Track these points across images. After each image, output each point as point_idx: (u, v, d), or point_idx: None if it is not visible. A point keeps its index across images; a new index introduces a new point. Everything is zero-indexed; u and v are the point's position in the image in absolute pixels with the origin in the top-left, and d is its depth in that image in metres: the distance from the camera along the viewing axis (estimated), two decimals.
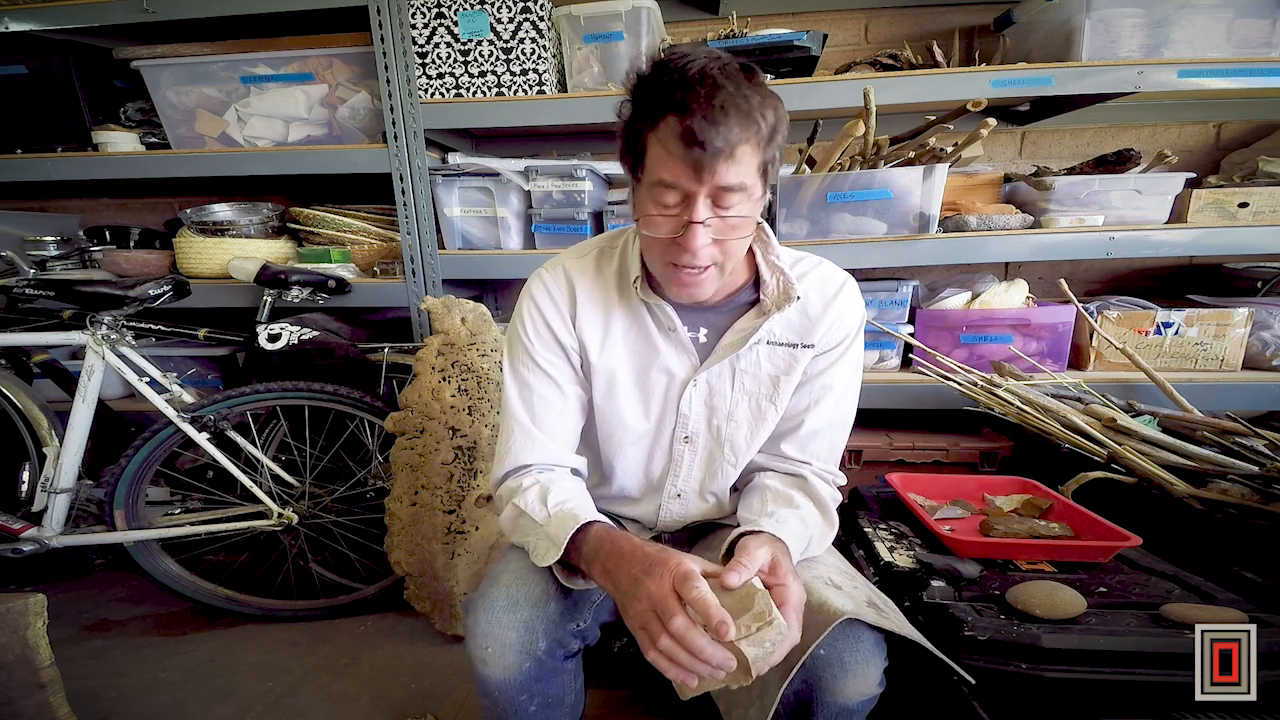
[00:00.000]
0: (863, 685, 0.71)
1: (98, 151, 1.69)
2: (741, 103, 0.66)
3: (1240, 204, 1.47)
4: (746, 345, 0.83)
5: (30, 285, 1.43)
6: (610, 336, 0.86)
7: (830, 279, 0.86)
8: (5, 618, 0.98)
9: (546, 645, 0.77)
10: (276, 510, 1.48)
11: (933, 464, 1.57)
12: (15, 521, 1.45)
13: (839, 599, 0.72)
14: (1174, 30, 1.42)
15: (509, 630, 0.75)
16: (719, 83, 0.66)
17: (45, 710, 1.01)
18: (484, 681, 0.77)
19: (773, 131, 0.70)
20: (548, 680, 0.79)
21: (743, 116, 0.67)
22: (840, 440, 0.89)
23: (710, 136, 0.65)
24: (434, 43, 1.51)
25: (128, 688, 1.37)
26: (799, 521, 0.79)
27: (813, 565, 0.81)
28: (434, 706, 1.28)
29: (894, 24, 1.80)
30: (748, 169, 0.70)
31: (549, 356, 0.86)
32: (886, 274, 1.77)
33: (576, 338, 0.86)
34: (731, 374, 0.86)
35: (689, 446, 0.90)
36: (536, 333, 0.86)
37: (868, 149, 1.46)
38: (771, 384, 0.86)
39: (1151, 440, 1.18)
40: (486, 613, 0.75)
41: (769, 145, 0.70)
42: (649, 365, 0.86)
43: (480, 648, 0.75)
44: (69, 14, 1.57)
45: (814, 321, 0.85)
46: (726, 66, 0.68)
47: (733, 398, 0.86)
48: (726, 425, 0.88)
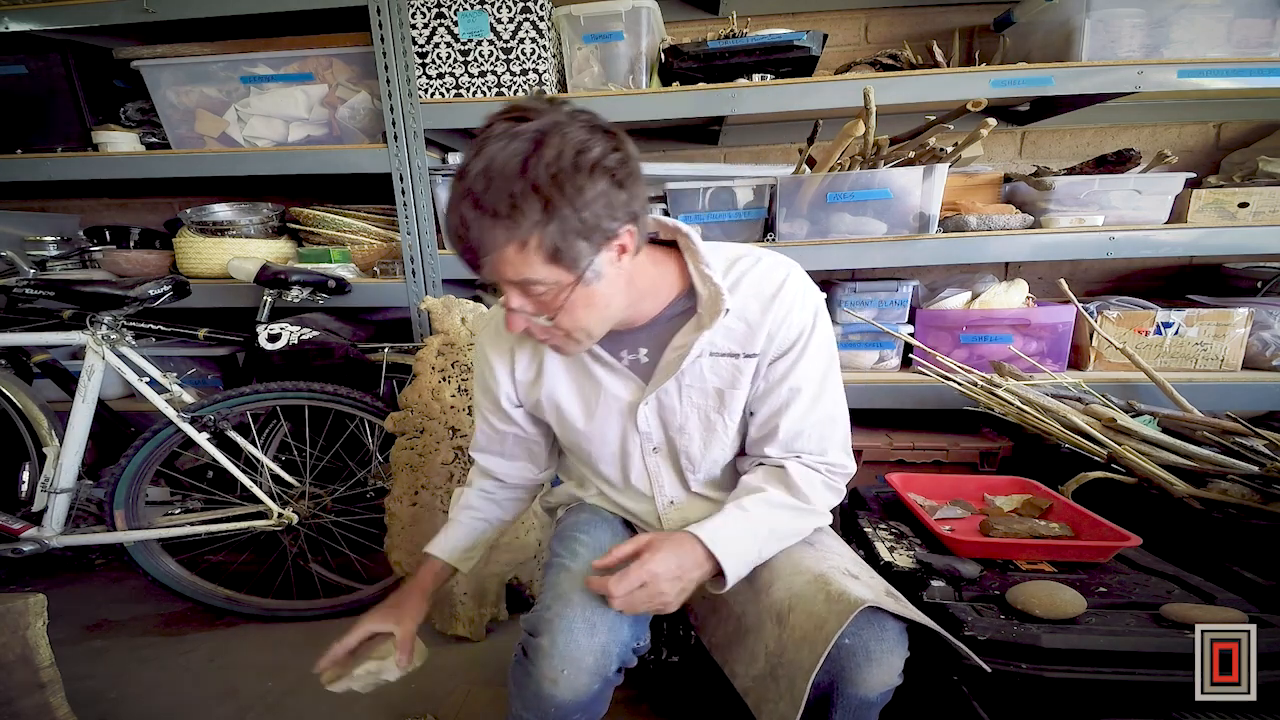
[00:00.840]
0: (886, 675, 0.71)
1: (98, 151, 1.68)
2: (488, 208, 0.64)
3: (1240, 204, 1.47)
4: (688, 360, 0.81)
5: (30, 285, 1.43)
6: (546, 374, 0.89)
7: (768, 278, 0.81)
8: (5, 618, 0.98)
9: (617, 667, 0.77)
10: (276, 510, 1.48)
11: (933, 464, 1.57)
12: (15, 521, 1.45)
13: (859, 588, 0.72)
14: (1174, 30, 1.42)
15: (587, 655, 0.74)
16: (468, 188, 0.64)
17: (45, 710, 1.01)
18: (544, 699, 0.75)
19: (546, 222, 0.65)
20: (600, 697, 0.79)
21: (488, 224, 0.65)
22: (833, 433, 0.86)
23: (458, 245, 0.68)
24: (434, 43, 1.51)
25: (128, 688, 1.37)
26: (738, 511, 0.79)
27: (828, 556, 0.81)
28: (434, 706, 1.28)
29: (894, 24, 1.80)
30: (525, 266, 0.67)
31: (493, 407, 0.95)
32: (886, 274, 1.77)
33: (516, 386, 0.92)
34: (678, 389, 0.85)
35: (660, 456, 0.91)
36: (480, 390, 0.96)
37: (868, 149, 1.46)
38: (717, 396, 0.85)
39: (1151, 440, 1.18)
40: (565, 635, 0.74)
41: (547, 231, 0.65)
42: (595, 395, 0.88)
43: (554, 669, 0.73)
44: (69, 14, 1.57)
45: (754, 328, 0.81)
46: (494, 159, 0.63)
47: (682, 411, 0.86)
48: (679, 438, 0.88)
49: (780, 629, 0.74)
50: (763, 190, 1.55)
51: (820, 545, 0.85)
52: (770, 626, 0.76)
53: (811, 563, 0.79)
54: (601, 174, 0.66)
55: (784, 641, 0.73)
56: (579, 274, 0.70)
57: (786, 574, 0.79)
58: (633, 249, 0.74)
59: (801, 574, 0.77)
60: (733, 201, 1.56)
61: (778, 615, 0.75)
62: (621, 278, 0.75)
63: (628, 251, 0.73)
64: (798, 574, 0.78)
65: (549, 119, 0.65)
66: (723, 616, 0.85)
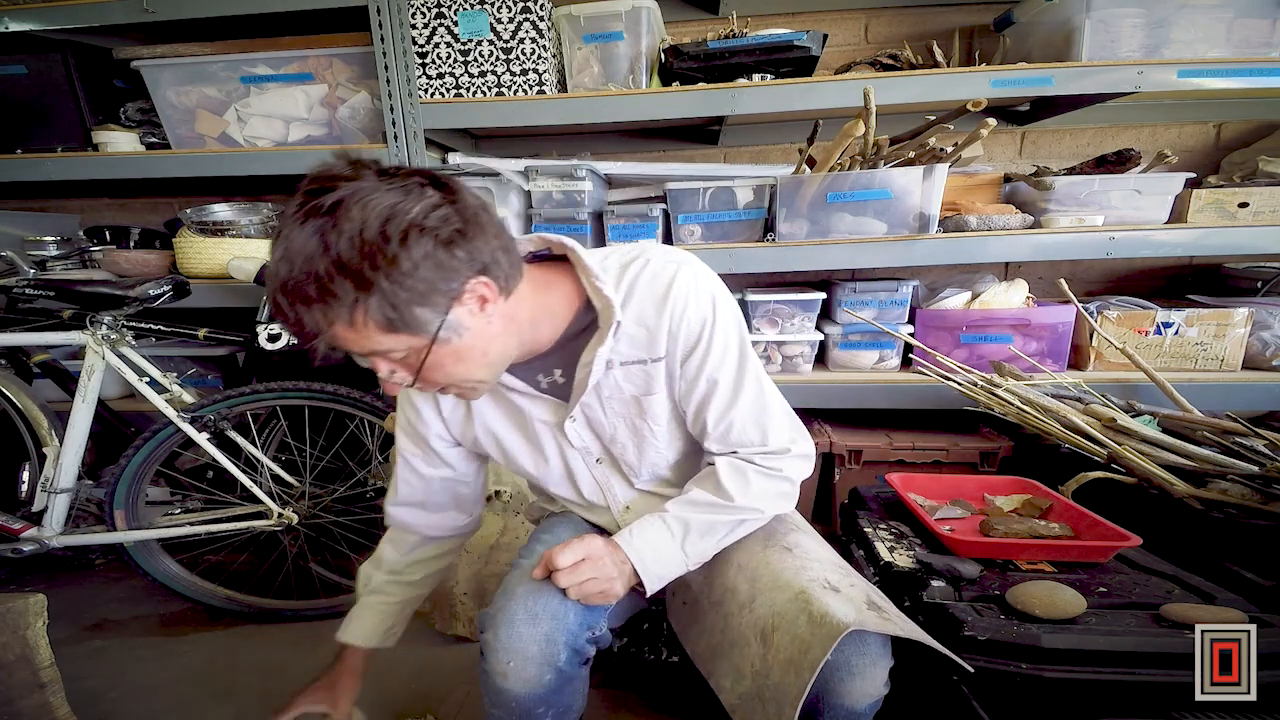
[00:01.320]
0: (869, 687, 0.71)
1: (98, 151, 1.68)
2: (296, 293, 0.61)
3: (1240, 204, 1.47)
4: (595, 376, 0.80)
5: (30, 285, 1.43)
6: (478, 410, 0.89)
7: (658, 277, 0.79)
8: (5, 618, 0.98)
9: (567, 655, 0.77)
10: (276, 510, 1.48)
11: (933, 464, 1.57)
12: (15, 521, 1.44)
13: (840, 606, 0.71)
14: (1174, 30, 1.42)
15: (530, 644, 0.74)
16: (274, 272, 0.61)
17: (45, 710, 1.01)
18: (501, 694, 0.76)
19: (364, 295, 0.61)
20: (563, 690, 0.79)
21: (302, 309, 0.62)
22: (766, 418, 0.84)
23: (293, 334, 0.66)
24: (434, 43, 1.51)
25: (128, 688, 1.37)
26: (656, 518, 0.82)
27: (808, 565, 0.80)
28: (434, 706, 1.28)
29: (894, 24, 1.80)
30: (364, 340, 0.65)
31: (420, 451, 0.94)
32: (886, 274, 1.77)
33: (445, 427, 0.91)
34: (599, 402, 0.85)
35: (605, 466, 0.91)
36: (405, 435, 0.94)
37: (868, 149, 1.46)
38: (636, 404, 0.84)
39: (1151, 440, 1.18)
40: (507, 628, 0.75)
41: (370, 306, 0.62)
42: (524, 422, 0.88)
43: (501, 662, 0.74)
44: (69, 14, 1.57)
45: (654, 331, 0.79)
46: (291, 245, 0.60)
47: (610, 422, 0.86)
48: (613, 447, 0.89)
49: (765, 648, 0.73)
50: (763, 190, 1.55)
51: (799, 551, 0.83)
52: (754, 645, 0.75)
53: (791, 575, 0.77)
54: (421, 237, 0.62)
55: (769, 663, 0.72)
56: (431, 336, 0.67)
57: (767, 589, 0.78)
58: (496, 297, 0.71)
59: (782, 589, 0.76)
60: (733, 201, 1.56)
61: (761, 634, 0.75)
62: (494, 323, 0.72)
63: (491, 301, 0.70)
64: (778, 589, 0.76)
65: (350, 188, 0.61)
66: (705, 626, 0.85)
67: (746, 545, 0.86)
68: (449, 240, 0.64)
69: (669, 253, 0.82)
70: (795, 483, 0.87)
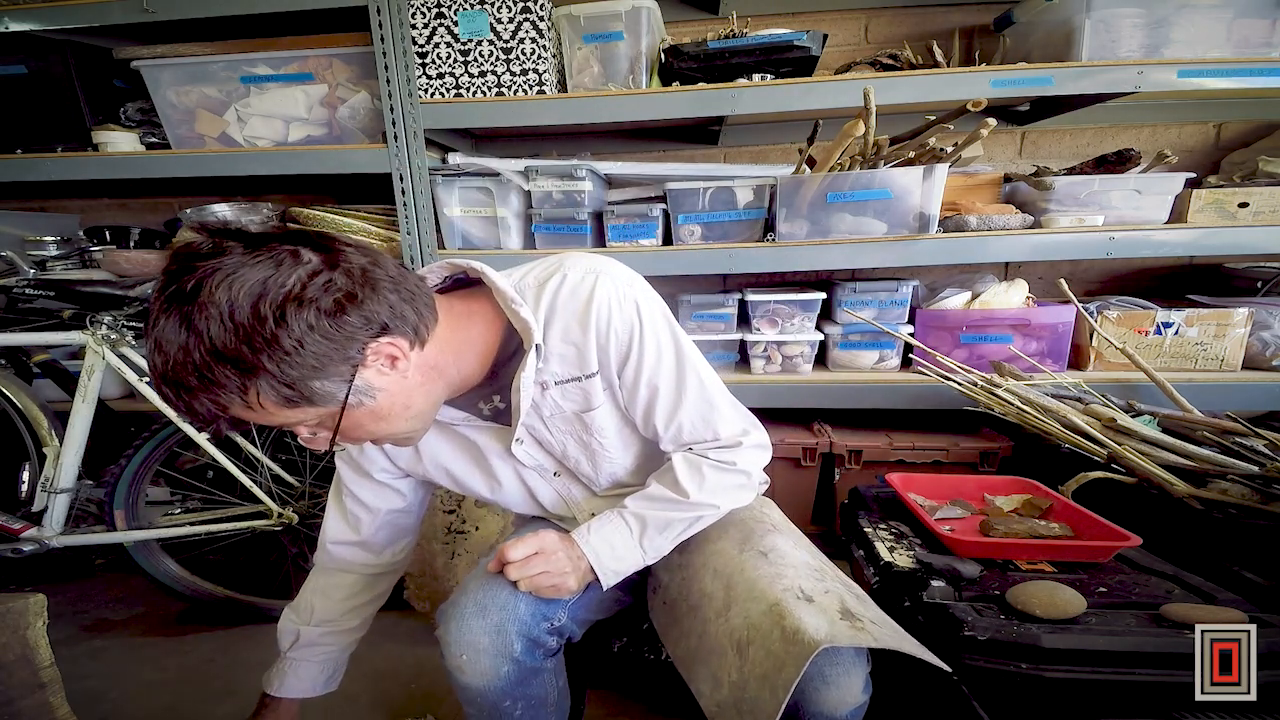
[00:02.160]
0: (846, 696, 0.70)
1: (98, 151, 1.68)
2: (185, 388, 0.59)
3: (1240, 204, 1.47)
4: (528, 398, 0.79)
5: (30, 285, 1.43)
6: (424, 445, 0.88)
7: (577, 292, 0.76)
8: (5, 618, 0.98)
9: (522, 646, 0.77)
10: (277, 510, 1.48)
11: (933, 464, 1.57)
12: (15, 521, 1.45)
13: (813, 619, 0.69)
14: (1174, 30, 1.42)
15: (480, 636, 0.75)
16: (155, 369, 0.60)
17: (45, 710, 1.01)
18: (465, 690, 0.77)
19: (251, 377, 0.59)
20: (528, 682, 0.79)
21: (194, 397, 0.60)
22: (711, 418, 0.83)
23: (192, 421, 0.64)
24: (434, 43, 1.51)
25: (128, 688, 1.37)
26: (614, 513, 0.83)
27: (783, 572, 0.78)
28: (434, 706, 1.28)
29: (894, 24, 1.80)
30: (267, 416, 0.63)
31: (362, 483, 0.92)
32: (886, 274, 1.77)
33: (390, 460, 0.91)
34: (542, 421, 0.84)
35: (562, 478, 0.91)
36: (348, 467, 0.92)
37: (868, 149, 1.46)
38: (579, 420, 0.84)
39: (1151, 440, 1.18)
40: (456, 621, 0.76)
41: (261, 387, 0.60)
42: (472, 451, 0.89)
43: (455, 657, 0.75)
44: (69, 14, 1.57)
45: (582, 348, 0.78)
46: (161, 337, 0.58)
47: (559, 440, 0.86)
48: (566, 461, 0.89)
49: (741, 660, 0.73)
50: (763, 190, 1.55)
51: (774, 556, 0.82)
52: (731, 655, 0.74)
53: (766, 585, 0.76)
54: (300, 311, 0.59)
55: (746, 675, 0.72)
56: (340, 404, 0.65)
57: (743, 598, 0.77)
58: (408, 351, 0.68)
59: (757, 600, 0.75)
60: (733, 201, 1.56)
61: (737, 645, 0.74)
62: (411, 376, 0.70)
63: (401, 358, 0.68)
64: (753, 600, 0.75)
65: (210, 266, 0.57)
66: (683, 630, 0.84)
67: (722, 549, 0.85)
68: (334, 309, 0.61)
69: (587, 262, 0.79)
70: (751, 475, 0.87)
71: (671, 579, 0.89)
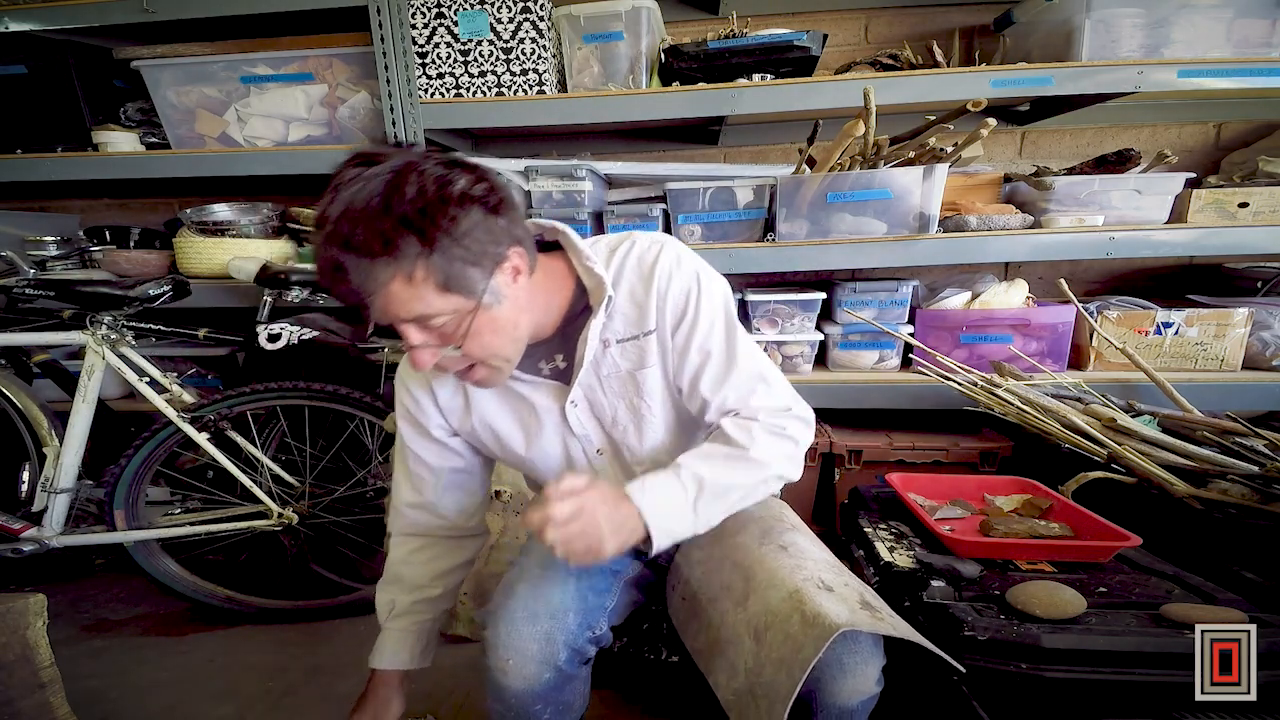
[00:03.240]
0: (861, 685, 0.71)
1: (98, 151, 1.69)
2: (362, 250, 0.63)
3: (1240, 204, 1.47)
4: (593, 351, 0.82)
5: (30, 285, 1.43)
6: (474, 401, 0.89)
7: (645, 255, 0.83)
8: (5, 618, 0.98)
9: (566, 655, 0.78)
10: (276, 510, 1.48)
11: (933, 464, 1.57)
12: (15, 521, 1.44)
13: (833, 606, 0.71)
14: (1174, 30, 1.42)
15: (530, 643, 0.76)
16: (333, 232, 0.63)
17: (45, 710, 1.01)
18: (502, 690, 0.77)
19: (428, 253, 0.65)
20: (563, 689, 0.80)
21: (365, 265, 0.64)
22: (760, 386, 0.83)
23: (341, 295, 0.67)
24: (434, 43, 1.51)
25: (128, 688, 1.37)
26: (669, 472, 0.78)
27: (803, 564, 0.80)
28: (434, 706, 1.28)
29: (894, 24, 1.80)
30: (417, 300, 0.67)
31: (418, 444, 0.92)
32: (886, 274, 1.77)
33: (443, 417, 0.91)
34: (599, 382, 0.85)
35: (605, 459, 0.91)
36: (406, 421, 0.92)
37: (868, 149, 1.46)
38: (632, 380, 0.85)
39: (1151, 440, 1.18)
40: (507, 625, 0.76)
41: (432, 261, 0.66)
42: (525, 410, 0.88)
43: (501, 659, 0.76)
44: (69, 14, 1.57)
45: (643, 306, 0.82)
46: (354, 200, 0.63)
47: (610, 404, 0.87)
48: (615, 431, 0.88)
49: (758, 646, 0.74)
50: (763, 190, 1.55)
51: (794, 550, 0.84)
52: (748, 642, 0.75)
53: (786, 574, 0.77)
54: (471, 203, 0.67)
55: (762, 660, 0.73)
56: (478, 299, 0.71)
57: (762, 587, 0.78)
58: (526, 270, 0.76)
59: (776, 588, 0.76)
60: (733, 201, 1.56)
61: (755, 632, 0.75)
62: (522, 297, 0.76)
63: (522, 273, 0.75)
64: (773, 587, 0.76)
65: (401, 159, 0.65)
66: (703, 623, 0.85)
67: (742, 543, 0.86)
68: (495, 209, 0.69)
69: (654, 235, 0.85)
70: (800, 445, 0.85)
71: (692, 574, 0.89)
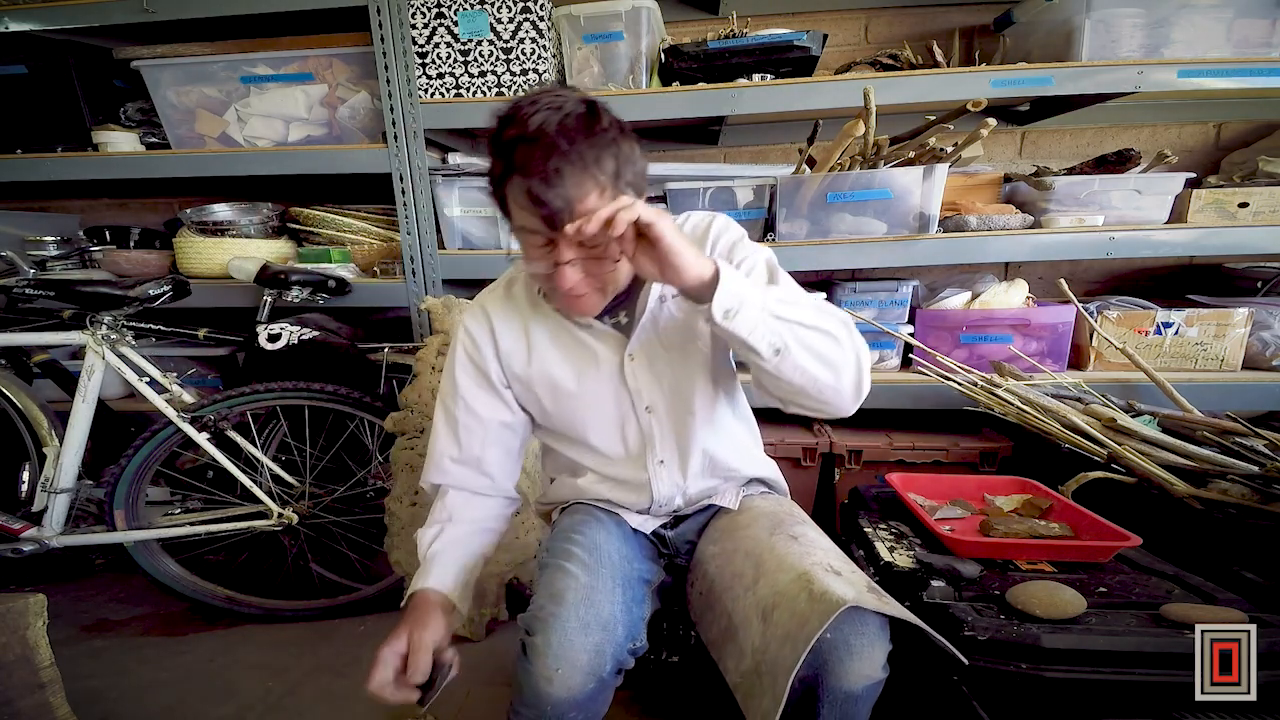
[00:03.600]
0: (867, 669, 0.71)
1: (98, 151, 1.68)
2: (576, 160, 0.71)
3: (1240, 204, 1.47)
4: (653, 301, 0.89)
5: (30, 285, 1.43)
6: (536, 349, 0.93)
7: (699, 222, 0.92)
8: (5, 618, 0.98)
9: (611, 667, 0.77)
10: (276, 510, 1.48)
11: (933, 464, 1.57)
12: (15, 521, 1.45)
13: (840, 586, 0.73)
14: (1174, 30, 1.42)
15: (581, 654, 0.75)
16: (553, 142, 0.70)
17: (45, 710, 1.01)
18: (541, 697, 0.75)
19: (616, 174, 0.75)
20: (597, 699, 0.79)
21: (579, 173, 0.71)
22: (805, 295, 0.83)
23: (550, 199, 0.71)
24: (434, 43, 1.51)
25: (128, 688, 1.37)
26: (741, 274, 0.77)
27: (812, 551, 0.82)
28: (434, 706, 1.28)
29: (894, 24, 1.80)
30: (604, 200, 0.74)
31: (476, 394, 0.94)
32: (886, 274, 1.77)
33: (502, 364, 0.94)
34: (657, 337, 0.91)
35: (654, 416, 0.93)
36: (466, 371, 0.95)
37: (868, 149, 1.46)
38: (687, 326, 0.91)
39: (1151, 440, 1.18)
40: (559, 634, 0.75)
41: (617, 184, 0.75)
42: (585, 360, 0.92)
43: (549, 668, 0.74)
44: (69, 14, 1.57)
45: None
46: (565, 119, 0.71)
47: (667, 355, 0.91)
48: (673, 380, 0.92)
49: (765, 626, 0.75)
50: (763, 190, 1.55)
51: (804, 540, 0.85)
52: (755, 623, 0.77)
53: (795, 560, 0.79)
54: (636, 142, 0.79)
55: (768, 638, 0.74)
56: None
57: (771, 570, 0.80)
58: None
59: (785, 572, 0.78)
60: (733, 201, 1.56)
61: (762, 612, 0.76)
62: None
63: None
64: (782, 571, 0.78)
65: (578, 93, 0.76)
66: (717, 613, 0.86)
67: (754, 534, 0.88)
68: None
69: (705, 212, 0.96)
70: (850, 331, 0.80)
71: (708, 568, 0.91)
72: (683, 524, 1.01)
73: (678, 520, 1.01)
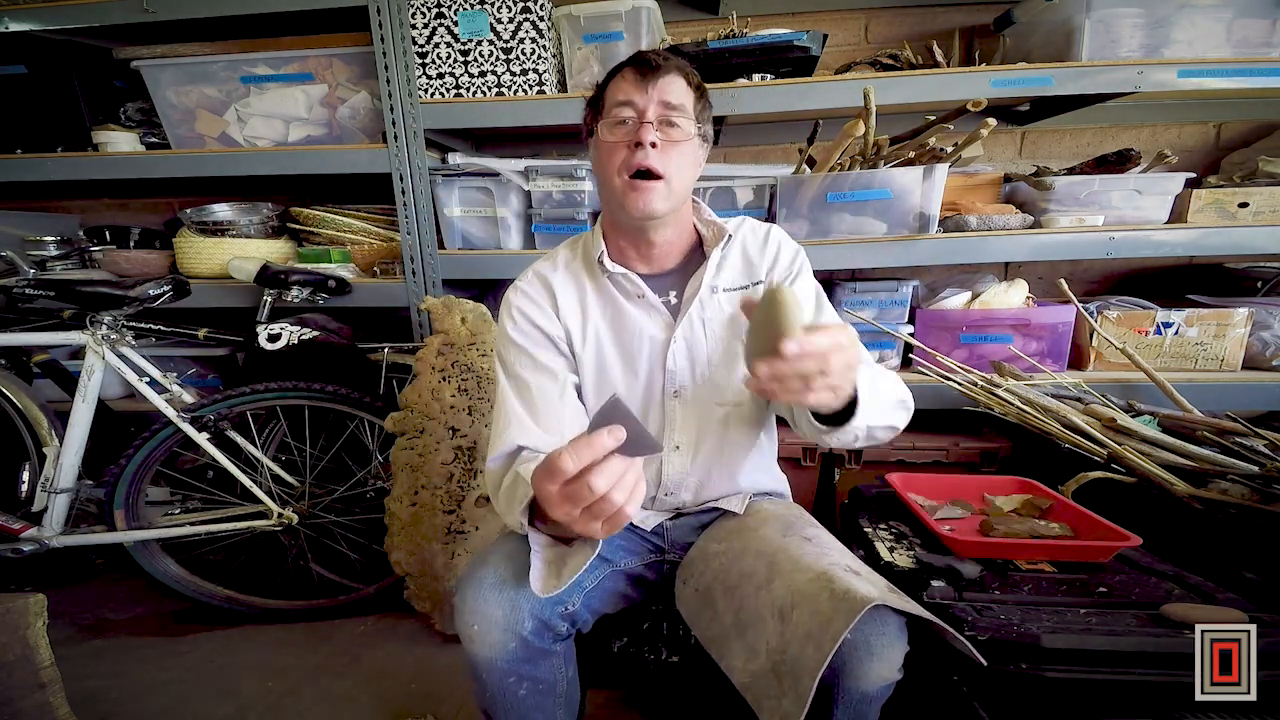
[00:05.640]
0: (886, 670, 0.72)
1: (98, 151, 1.68)
2: (677, 59, 0.86)
3: (1240, 204, 1.47)
4: (704, 288, 0.92)
5: (30, 285, 1.43)
6: (589, 317, 0.95)
7: (757, 228, 0.99)
8: (5, 618, 0.98)
9: (533, 626, 0.78)
10: (276, 510, 1.48)
11: (933, 464, 1.57)
12: (15, 521, 1.45)
13: (863, 586, 0.72)
14: (1174, 30, 1.42)
15: (495, 608, 0.77)
16: (674, 63, 0.85)
17: (45, 710, 1.01)
18: (473, 660, 0.79)
19: (700, 90, 0.89)
20: (535, 663, 0.81)
21: (679, 63, 0.86)
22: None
23: (653, 58, 0.85)
24: (434, 43, 1.51)
25: (128, 688, 1.37)
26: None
27: (828, 552, 0.82)
28: (434, 707, 1.28)
29: (894, 24, 1.80)
30: (685, 95, 0.85)
31: (540, 352, 0.93)
32: (886, 274, 1.77)
33: (563, 325, 0.95)
34: (702, 324, 0.94)
35: (679, 401, 0.95)
36: (524, 333, 0.94)
37: (868, 149, 1.46)
38: (732, 324, 0.94)
39: (1151, 440, 1.18)
40: (474, 590, 0.78)
41: (699, 98, 0.88)
42: (631, 334, 0.94)
43: (467, 625, 0.77)
44: (69, 14, 1.57)
45: (755, 261, 0.96)
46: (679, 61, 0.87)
47: (708, 345, 0.94)
48: (708, 369, 0.94)
49: (782, 625, 0.74)
50: (763, 190, 1.55)
51: (818, 541, 0.86)
52: (771, 623, 0.76)
53: (812, 560, 0.79)
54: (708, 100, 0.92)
55: (787, 638, 0.73)
56: (701, 128, 0.89)
57: (787, 570, 0.79)
58: (704, 154, 0.92)
59: (803, 571, 0.77)
60: (733, 201, 1.56)
61: (779, 612, 0.76)
62: (700, 163, 0.92)
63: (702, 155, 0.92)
64: (799, 571, 0.78)
65: None
66: (719, 610, 0.86)
67: (765, 535, 0.88)
68: None
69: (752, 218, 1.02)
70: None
71: (708, 566, 0.91)
72: (683, 518, 1.02)
73: (677, 515, 1.02)
